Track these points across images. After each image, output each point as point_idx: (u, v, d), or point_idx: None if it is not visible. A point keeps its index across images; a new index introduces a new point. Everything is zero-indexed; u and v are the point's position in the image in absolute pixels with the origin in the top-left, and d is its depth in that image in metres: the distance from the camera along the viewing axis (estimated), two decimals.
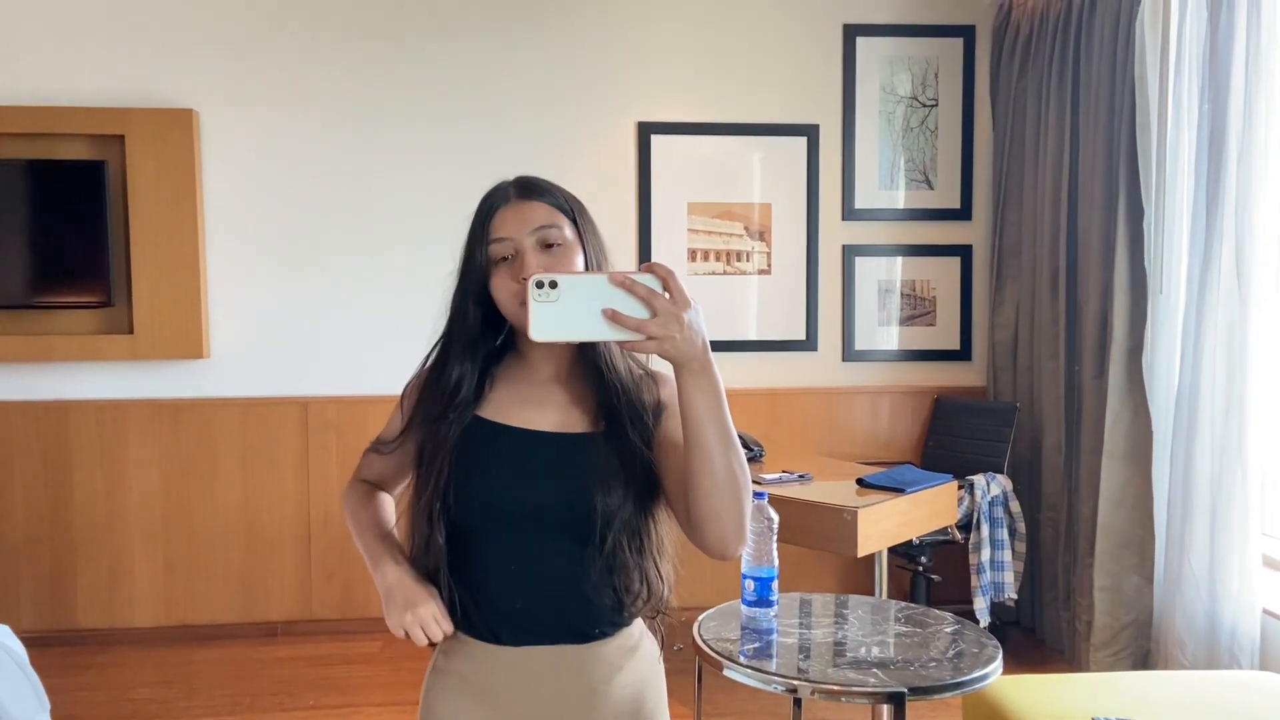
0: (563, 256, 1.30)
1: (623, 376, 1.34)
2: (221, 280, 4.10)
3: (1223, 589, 3.10)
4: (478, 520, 1.31)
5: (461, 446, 1.32)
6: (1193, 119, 3.23)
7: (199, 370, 4.11)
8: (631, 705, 1.36)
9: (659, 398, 1.36)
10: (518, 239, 1.29)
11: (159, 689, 3.67)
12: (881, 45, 4.31)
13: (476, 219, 1.33)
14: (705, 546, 1.26)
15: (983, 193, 4.42)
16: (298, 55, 4.08)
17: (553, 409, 1.35)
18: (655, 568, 1.36)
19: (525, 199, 1.32)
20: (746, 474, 1.23)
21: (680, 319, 1.11)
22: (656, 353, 1.14)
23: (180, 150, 3.95)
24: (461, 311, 1.34)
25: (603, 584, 1.33)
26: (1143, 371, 3.42)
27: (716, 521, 1.22)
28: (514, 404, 1.35)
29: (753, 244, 4.31)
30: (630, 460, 1.31)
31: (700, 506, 1.21)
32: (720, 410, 1.18)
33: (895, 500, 3.05)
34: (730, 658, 2.12)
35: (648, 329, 1.11)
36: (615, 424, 1.32)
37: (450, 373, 1.34)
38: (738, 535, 1.23)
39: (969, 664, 2.08)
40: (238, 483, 4.14)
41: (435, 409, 1.34)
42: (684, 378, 1.16)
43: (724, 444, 1.19)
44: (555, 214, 1.32)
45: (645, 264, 1.15)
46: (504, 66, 4.18)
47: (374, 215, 4.15)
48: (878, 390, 4.41)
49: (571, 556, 1.31)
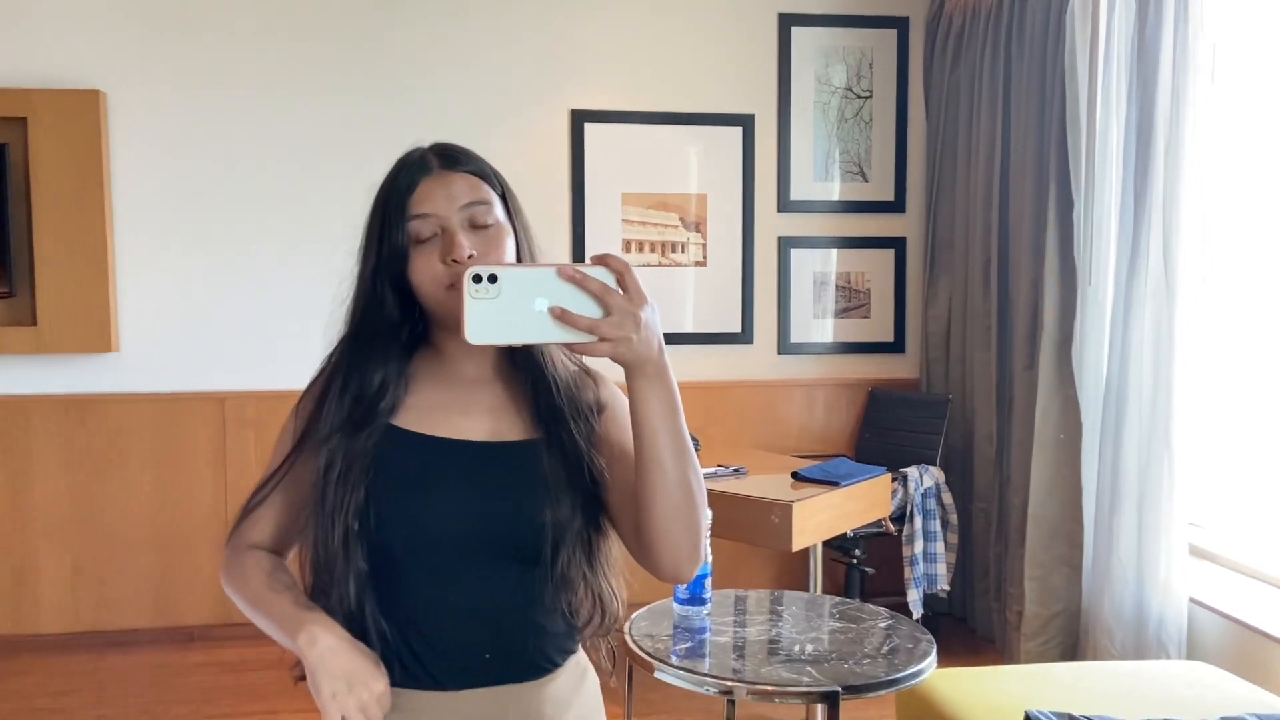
0: (495, 240, 1.15)
1: (562, 374, 1.21)
2: (131, 270, 3.91)
3: (1150, 578, 3.13)
4: (404, 548, 1.14)
5: (378, 461, 1.15)
6: (1122, 112, 3.25)
7: (107, 364, 3.91)
8: None
9: (598, 396, 1.24)
10: (444, 216, 1.14)
11: (65, 698, 3.49)
12: (816, 35, 4.28)
13: (392, 192, 1.16)
14: (656, 569, 1.14)
15: (917, 185, 4.42)
16: (211, 35, 3.91)
17: (482, 414, 1.20)
18: (607, 583, 1.23)
19: (450, 170, 1.17)
20: (703, 489, 1.12)
21: (637, 318, 1.00)
22: (609, 355, 1.01)
23: (86, 133, 3.75)
24: (376, 300, 1.16)
25: (553, 608, 1.20)
26: (1072, 363, 3.44)
27: (670, 543, 1.10)
28: (436, 410, 1.19)
29: (688, 235, 4.26)
30: (576, 468, 1.18)
31: (652, 526, 1.10)
32: (676, 419, 1.07)
33: (830, 494, 3.03)
34: (662, 658, 2.05)
35: (601, 329, 0.99)
36: (556, 428, 1.19)
37: (371, 374, 1.16)
38: (693, 557, 1.13)
39: (903, 660, 2.05)
40: (150, 482, 3.96)
41: (351, 418, 1.16)
42: (638, 383, 1.05)
43: (680, 457, 1.08)
44: (484, 188, 1.17)
45: (597, 255, 1.01)
46: (431, 48, 4.05)
47: (293, 201, 4.00)
48: (813, 383, 4.39)
49: (518, 581, 1.17)
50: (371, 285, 1.17)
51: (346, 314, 1.22)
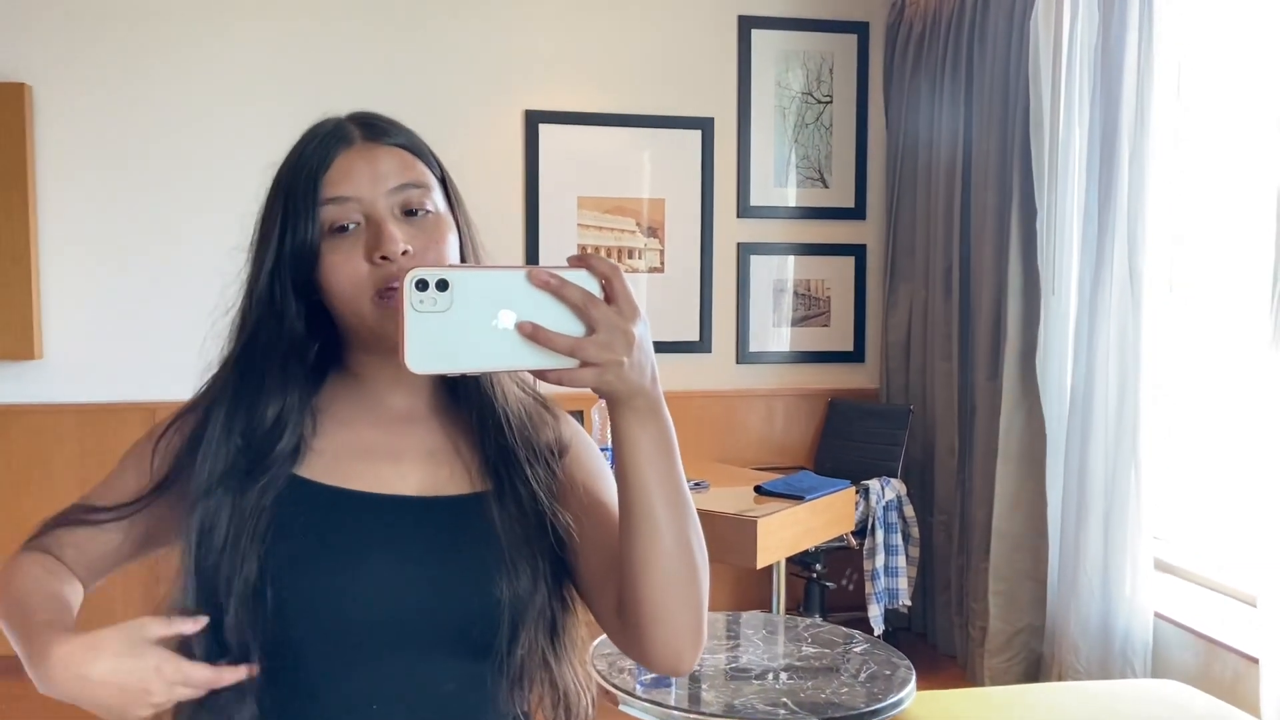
0: (434, 232, 0.91)
1: (514, 407, 0.97)
2: (56, 273, 3.71)
3: (1116, 593, 3.09)
4: (312, 639, 0.89)
5: (279, 525, 0.89)
6: (1085, 120, 3.22)
7: (31, 372, 3.71)
8: None
9: (558, 435, 1.00)
10: (368, 200, 0.90)
11: None
12: (776, 39, 4.21)
13: (298, 169, 0.91)
14: (647, 657, 0.89)
15: (877, 191, 4.37)
16: (143, 28, 3.73)
17: (413, 460, 0.95)
18: (573, 672, 0.99)
19: (375, 142, 0.93)
20: (704, 552, 0.88)
21: (629, 336, 0.78)
22: (593, 385, 0.79)
23: (10, 128, 3.57)
24: (273, 308, 0.92)
25: (505, 711, 0.96)
26: (1036, 373, 3.40)
27: (667, 623, 0.86)
28: (354, 456, 0.94)
29: (645, 241, 4.15)
30: (536, 526, 0.93)
31: (643, 601, 0.86)
32: (673, 464, 0.84)
33: (794, 509, 2.95)
34: (627, 690, 1.94)
35: (584, 351, 0.77)
36: (509, 477, 0.94)
37: (264, 407, 0.91)
38: (695, 641, 0.88)
39: (882, 688, 1.96)
40: (75, 496, 3.74)
41: (238, 466, 0.91)
42: (626, 419, 0.82)
43: (678, 512, 0.85)
44: (419, 167, 0.94)
45: (575, 256, 0.80)
46: (381, 44, 3.90)
47: (229, 203, 3.79)
48: (772, 393, 4.31)
49: (464, 678, 0.93)
50: (268, 290, 0.92)
51: (232, 327, 0.97)
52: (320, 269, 0.90)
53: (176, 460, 0.94)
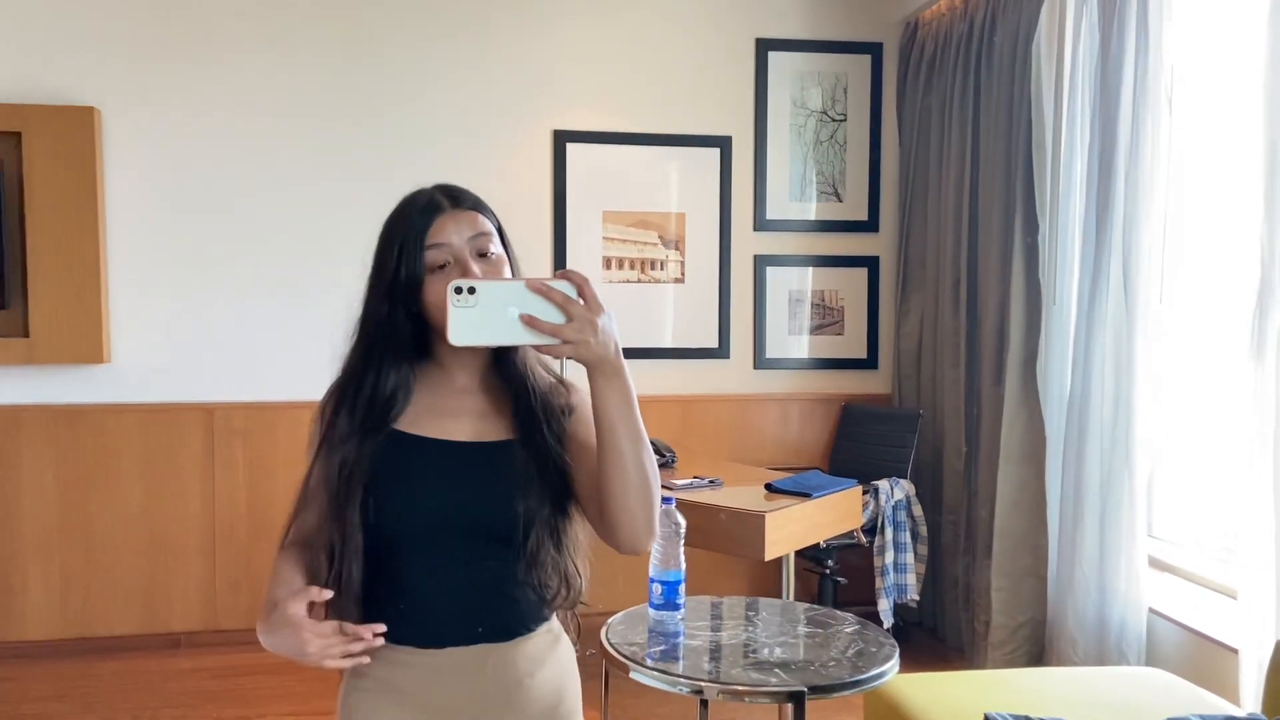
0: (496, 266, 1.33)
1: (537, 380, 1.39)
2: (123, 283, 3.98)
3: (1112, 589, 3.23)
4: (399, 532, 1.33)
5: (381, 460, 1.32)
6: (1085, 138, 3.36)
7: (99, 375, 3.98)
8: (552, 700, 1.40)
9: (568, 401, 1.41)
10: (456, 246, 1.31)
11: (53, 703, 3.54)
12: (793, 60, 4.41)
13: (407, 228, 1.31)
14: (617, 542, 1.32)
15: (890, 206, 4.55)
16: (204, 55, 4.00)
17: (468, 418, 1.37)
18: (573, 564, 1.40)
19: (458, 207, 1.34)
20: (656, 472, 1.30)
21: (594, 324, 1.17)
22: (571, 356, 1.19)
23: (80, 149, 3.83)
24: (389, 318, 1.32)
25: (525, 584, 1.36)
26: (1037, 379, 3.55)
27: (629, 517, 1.28)
28: (429, 415, 1.36)
29: (667, 253, 4.36)
30: (546, 464, 1.35)
31: (613, 504, 1.27)
32: (631, 411, 1.24)
33: (802, 505, 3.12)
34: (637, 660, 2.15)
35: (563, 333, 1.17)
36: (530, 429, 1.36)
37: (385, 383, 1.33)
38: (648, 530, 1.31)
39: (867, 663, 2.15)
40: (139, 491, 4.03)
41: (364, 424, 1.33)
42: (597, 380, 1.22)
43: (635, 443, 1.25)
44: (484, 222, 1.34)
45: (560, 270, 1.21)
46: (419, 72, 4.15)
47: (282, 217, 4.09)
48: (787, 397, 4.50)
49: (495, 560, 1.34)
50: (389, 307, 1.32)
51: (356, 327, 1.37)
52: (424, 292, 1.31)
53: (329, 423, 1.36)
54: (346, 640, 1.23)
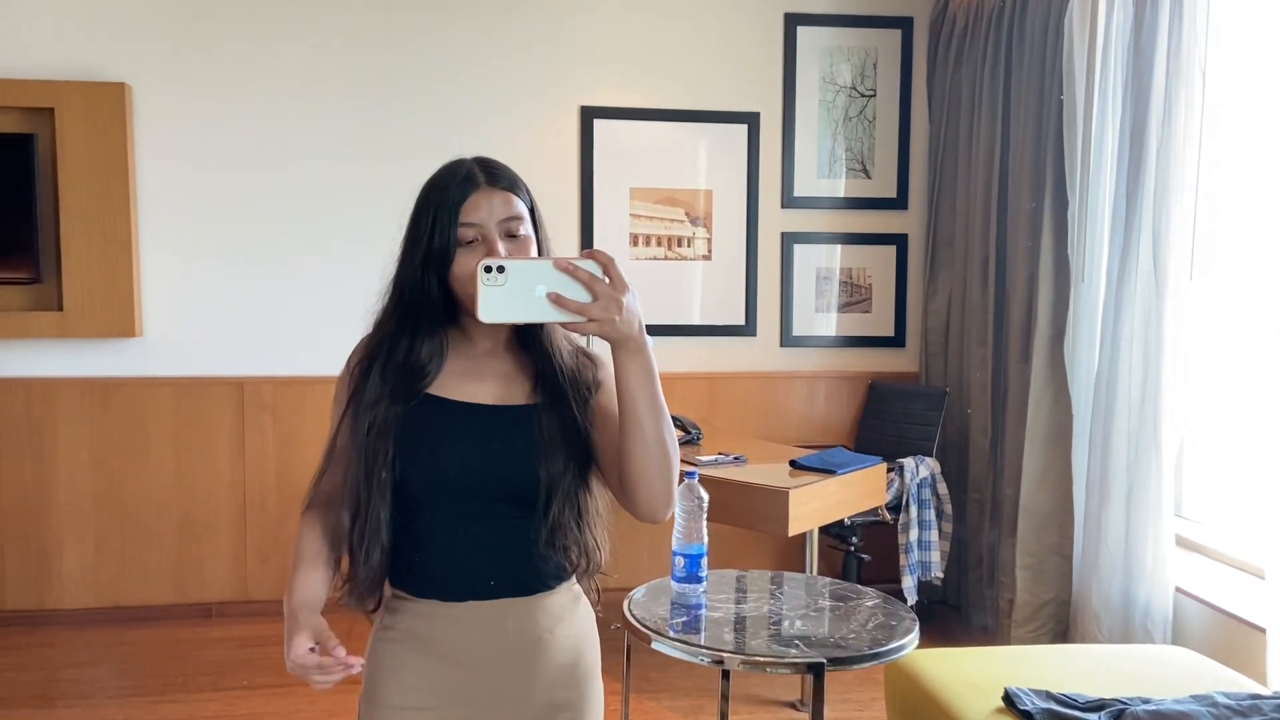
0: (523, 248, 1.35)
1: (562, 355, 1.41)
2: (155, 258, 4.04)
3: (1138, 568, 3.21)
4: (425, 490, 1.36)
5: (408, 421, 1.36)
6: (1117, 113, 3.31)
7: (131, 349, 4.05)
8: (571, 656, 1.43)
9: (595, 376, 1.43)
10: (486, 226, 1.33)
11: (88, 669, 3.63)
12: (822, 35, 4.37)
13: (444, 198, 1.34)
14: (636, 511, 1.35)
15: (919, 183, 4.51)
16: (234, 31, 4.03)
17: (492, 382, 1.40)
18: (592, 533, 1.43)
19: (494, 187, 1.35)
20: (675, 443, 1.32)
21: (619, 302, 1.19)
22: (596, 334, 1.21)
23: (112, 124, 3.87)
24: (423, 287, 1.35)
25: (546, 548, 1.39)
26: (1064, 357, 3.53)
27: (647, 487, 1.31)
28: (455, 378, 1.39)
29: (694, 230, 4.36)
30: (570, 431, 1.38)
31: (633, 473, 1.30)
32: (653, 386, 1.27)
33: (826, 481, 3.13)
34: (659, 632, 2.16)
35: (589, 312, 1.18)
36: (554, 396, 1.39)
37: (419, 349, 1.37)
38: (667, 499, 1.34)
39: (887, 636, 2.16)
40: (171, 463, 4.09)
41: (396, 388, 1.36)
42: (621, 357, 1.24)
43: (655, 416, 1.28)
44: (517, 204, 1.36)
45: (586, 250, 1.22)
46: (447, 48, 4.16)
47: (311, 193, 4.12)
48: (814, 375, 4.49)
49: (517, 522, 1.37)
50: (421, 273, 1.35)
51: (388, 289, 1.40)
52: (453, 266, 1.34)
53: (358, 382, 1.39)
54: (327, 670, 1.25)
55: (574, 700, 1.43)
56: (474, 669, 1.39)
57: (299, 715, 3.27)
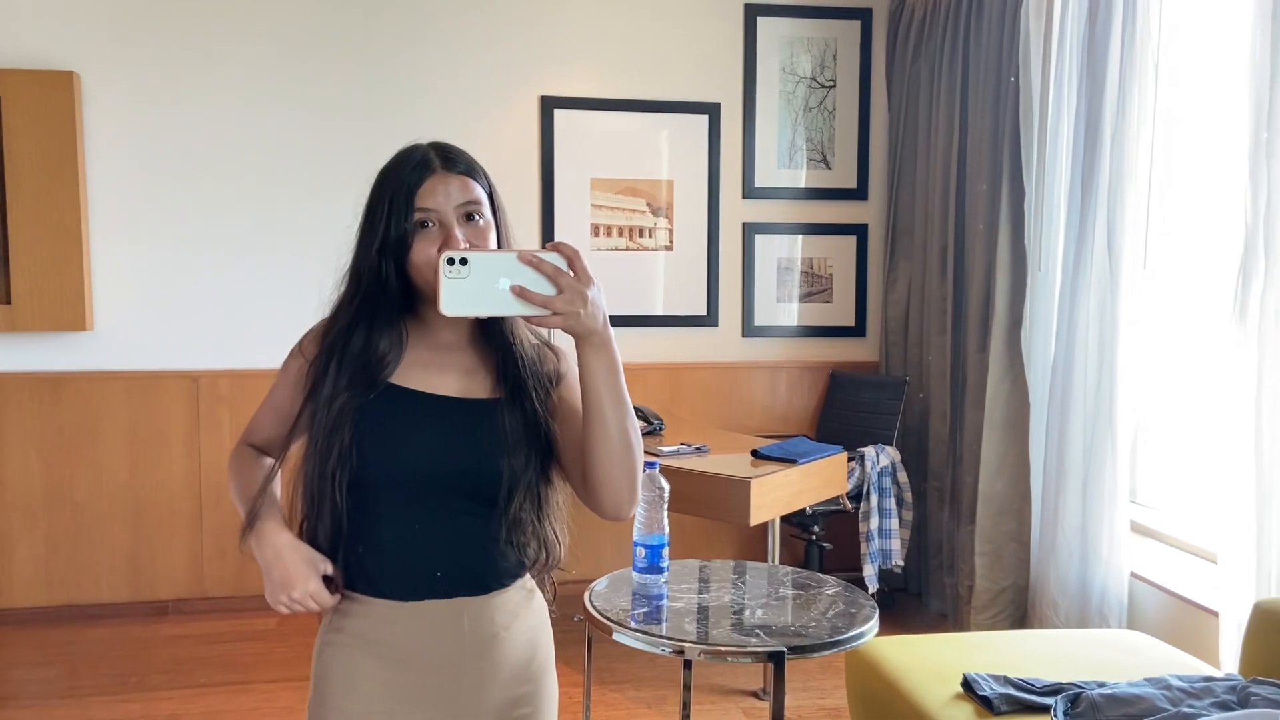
0: (482, 234, 1.32)
1: (525, 347, 1.39)
2: (106, 249, 3.96)
3: (1094, 553, 3.26)
4: (381, 484, 1.33)
5: (368, 411, 1.33)
6: (1072, 104, 3.35)
7: (82, 342, 3.96)
8: (527, 651, 1.41)
9: (557, 369, 1.41)
10: (443, 211, 1.30)
11: (40, 669, 3.56)
12: (781, 25, 4.38)
13: (399, 184, 1.30)
14: (600, 508, 1.33)
15: (878, 173, 4.54)
16: (185, 18, 3.95)
17: (454, 374, 1.37)
18: (552, 526, 1.41)
19: (450, 172, 1.32)
20: (639, 438, 1.31)
21: (584, 296, 1.17)
22: (561, 327, 1.19)
23: (60, 113, 3.79)
24: (380, 276, 1.32)
25: (505, 543, 1.37)
26: (1021, 345, 3.56)
27: (611, 484, 1.30)
28: (416, 369, 1.36)
29: (655, 220, 4.35)
30: (531, 426, 1.36)
31: (596, 470, 1.29)
32: (618, 380, 1.26)
33: (787, 471, 3.14)
34: (620, 623, 2.16)
35: (553, 305, 1.16)
36: (517, 391, 1.36)
37: (376, 340, 1.33)
38: (631, 496, 1.33)
39: (847, 624, 2.17)
40: (124, 459, 4.02)
41: (355, 380, 1.33)
42: (585, 351, 1.23)
43: (619, 411, 1.26)
44: (475, 189, 1.33)
45: (551, 243, 1.18)
46: (405, 35, 4.11)
47: (266, 182, 4.06)
48: (775, 365, 4.51)
49: (476, 517, 1.35)
50: (377, 260, 1.32)
51: (345, 276, 1.36)
52: (410, 253, 1.30)
53: (320, 371, 1.35)
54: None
55: (530, 695, 1.41)
56: (428, 671, 1.36)
57: (257, 712, 3.23)
